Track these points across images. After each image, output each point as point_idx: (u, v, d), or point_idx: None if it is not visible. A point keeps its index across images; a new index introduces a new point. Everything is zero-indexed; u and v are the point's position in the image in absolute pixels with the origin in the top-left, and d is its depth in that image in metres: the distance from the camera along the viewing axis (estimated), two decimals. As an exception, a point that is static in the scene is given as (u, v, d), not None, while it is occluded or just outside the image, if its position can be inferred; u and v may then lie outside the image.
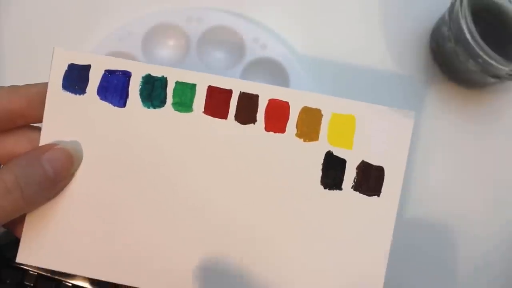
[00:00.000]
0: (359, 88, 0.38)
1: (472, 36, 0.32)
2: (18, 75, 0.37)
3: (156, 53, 0.37)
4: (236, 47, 0.37)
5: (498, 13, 0.35)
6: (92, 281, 0.31)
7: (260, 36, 0.36)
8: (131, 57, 0.36)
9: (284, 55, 0.36)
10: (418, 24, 0.39)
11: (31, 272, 0.31)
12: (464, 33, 0.32)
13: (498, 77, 0.33)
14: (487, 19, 0.35)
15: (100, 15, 0.38)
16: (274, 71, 0.36)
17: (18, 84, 0.25)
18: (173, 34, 0.37)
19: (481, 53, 0.32)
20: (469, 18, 0.32)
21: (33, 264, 0.25)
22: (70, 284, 0.31)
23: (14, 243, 0.31)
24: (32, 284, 0.31)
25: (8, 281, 0.31)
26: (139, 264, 0.25)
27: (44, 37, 0.38)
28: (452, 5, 0.34)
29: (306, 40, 0.38)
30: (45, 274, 0.31)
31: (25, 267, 0.31)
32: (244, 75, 0.36)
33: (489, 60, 0.32)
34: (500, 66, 0.32)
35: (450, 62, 0.36)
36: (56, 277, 0.31)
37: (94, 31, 0.38)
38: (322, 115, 0.25)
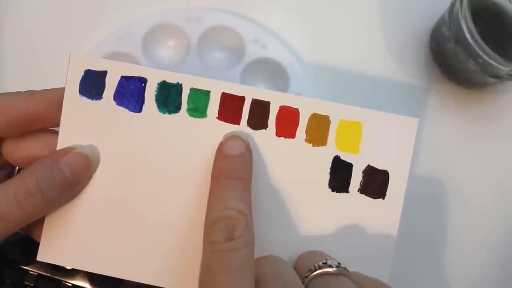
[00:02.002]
0: (359, 88, 0.38)
1: (472, 36, 0.32)
2: (18, 75, 0.37)
3: (156, 53, 0.37)
4: (236, 47, 0.37)
5: (498, 13, 0.35)
6: (92, 281, 0.31)
7: (260, 36, 0.36)
8: (131, 57, 0.36)
9: (284, 55, 0.36)
10: (418, 24, 0.39)
11: (31, 272, 0.31)
12: (464, 33, 0.32)
13: (498, 77, 0.33)
14: (487, 19, 0.35)
15: (100, 15, 0.38)
16: (274, 71, 0.36)
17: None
18: (173, 34, 0.37)
19: (481, 53, 0.32)
20: (469, 18, 0.32)
21: (53, 262, 0.26)
22: (70, 284, 0.31)
23: (14, 243, 0.31)
24: (32, 284, 0.31)
25: (8, 281, 0.31)
26: (155, 263, 0.25)
27: (44, 37, 0.38)
28: (452, 5, 0.34)
29: (306, 39, 0.38)
30: (45, 274, 0.31)
31: (25, 267, 0.31)
32: (244, 75, 0.36)
33: (489, 60, 0.32)
34: (500, 66, 0.32)
35: (450, 62, 0.36)
36: (56, 277, 0.31)
37: (94, 31, 0.38)
38: (330, 122, 0.26)
